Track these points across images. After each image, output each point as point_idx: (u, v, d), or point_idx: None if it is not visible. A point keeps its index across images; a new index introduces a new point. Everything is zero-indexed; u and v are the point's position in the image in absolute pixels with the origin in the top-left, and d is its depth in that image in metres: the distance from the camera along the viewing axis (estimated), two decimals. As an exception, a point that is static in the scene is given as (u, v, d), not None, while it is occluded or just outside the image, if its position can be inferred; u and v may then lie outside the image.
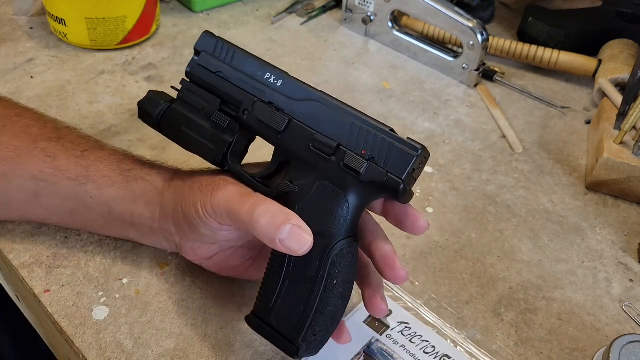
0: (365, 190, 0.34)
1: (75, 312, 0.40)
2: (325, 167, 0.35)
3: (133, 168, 0.40)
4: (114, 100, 0.61)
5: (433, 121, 0.64)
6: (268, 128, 0.36)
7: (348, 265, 0.34)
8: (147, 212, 0.39)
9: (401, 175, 0.33)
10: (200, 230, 0.37)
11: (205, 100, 0.38)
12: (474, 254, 0.49)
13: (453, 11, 0.67)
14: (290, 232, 0.32)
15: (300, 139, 0.35)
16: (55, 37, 0.68)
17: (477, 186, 0.56)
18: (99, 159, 0.41)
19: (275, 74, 0.37)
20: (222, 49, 0.38)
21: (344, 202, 0.34)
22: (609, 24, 0.75)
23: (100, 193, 0.39)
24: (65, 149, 0.41)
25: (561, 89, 0.72)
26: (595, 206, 0.56)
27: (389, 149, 0.34)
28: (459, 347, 0.41)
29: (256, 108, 0.36)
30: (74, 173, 0.40)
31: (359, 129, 0.34)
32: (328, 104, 0.36)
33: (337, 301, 0.34)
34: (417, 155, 0.33)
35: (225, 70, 0.38)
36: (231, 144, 0.37)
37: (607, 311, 0.46)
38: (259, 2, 0.81)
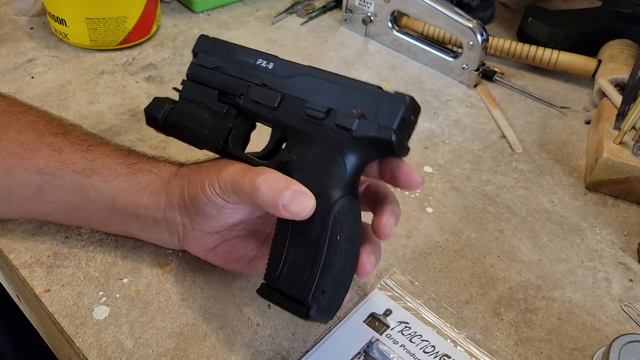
0: (360, 147, 0.35)
1: (76, 311, 0.41)
2: (319, 132, 0.36)
3: (139, 161, 0.41)
4: (114, 101, 0.61)
5: (433, 121, 0.64)
6: (263, 107, 0.38)
7: (350, 222, 0.35)
8: (151, 202, 0.40)
9: (392, 124, 0.34)
10: (206, 210, 0.37)
11: (204, 94, 0.40)
12: (474, 254, 0.49)
13: (453, 11, 0.67)
14: (291, 197, 0.33)
15: (293, 111, 0.37)
16: (55, 37, 0.68)
17: (476, 186, 0.56)
18: (105, 153, 0.41)
19: (266, 59, 0.39)
20: (217, 46, 0.41)
21: (340, 161, 0.35)
22: (609, 24, 0.75)
23: (105, 185, 0.40)
24: (71, 143, 0.41)
25: (561, 89, 0.72)
26: (595, 206, 0.56)
27: (378, 103, 0.35)
28: (459, 346, 0.41)
29: (250, 90, 0.39)
30: (79, 166, 0.40)
31: (348, 91, 0.36)
32: (316, 74, 0.37)
33: (342, 259, 0.34)
34: (406, 105, 0.35)
35: (221, 64, 0.40)
36: (231, 129, 0.39)
37: (606, 311, 0.46)
38: (259, 3, 0.81)
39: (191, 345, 0.39)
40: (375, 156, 0.37)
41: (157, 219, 0.40)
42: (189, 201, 0.38)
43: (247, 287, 0.43)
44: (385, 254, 0.48)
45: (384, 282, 0.45)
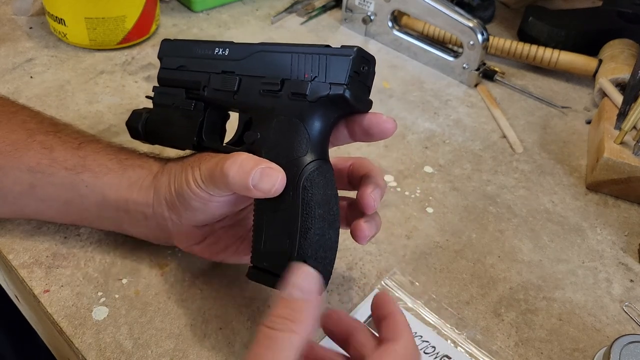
0: (319, 110, 0.35)
1: (75, 312, 0.40)
2: (278, 104, 0.36)
3: (130, 157, 0.41)
4: (113, 100, 0.61)
5: (433, 121, 0.64)
6: (224, 93, 0.39)
7: (321, 185, 0.34)
8: (141, 197, 0.40)
9: (343, 80, 0.34)
10: (192, 204, 0.37)
11: (173, 95, 0.41)
12: (474, 254, 0.49)
13: (453, 11, 0.67)
14: (260, 175, 0.33)
15: (251, 90, 0.37)
16: (54, 36, 0.68)
17: (477, 186, 0.56)
18: (96, 150, 0.41)
19: (222, 46, 0.40)
20: (179, 47, 0.42)
21: (301, 128, 0.35)
22: (610, 23, 0.75)
23: (96, 181, 0.40)
24: (62, 141, 0.41)
25: (561, 89, 0.72)
26: (596, 206, 0.56)
27: (327, 63, 0.35)
28: (459, 347, 0.41)
29: (211, 80, 0.39)
30: (70, 163, 0.40)
31: (298, 58, 0.36)
32: (268, 49, 0.38)
33: (319, 223, 0.34)
34: (353, 57, 0.34)
35: (184, 62, 0.41)
36: (201, 122, 0.40)
37: (607, 311, 0.46)
38: (258, 2, 0.81)
39: (190, 346, 0.39)
40: (337, 115, 0.36)
41: (147, 215, 0.40)
42: (176, 196, 0.38)
43: (246, 288, 0.43)
44: (385, 254, 0.48)
45: (384, 283, 0.45)
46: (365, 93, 0.36)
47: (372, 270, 0.46)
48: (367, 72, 0.36)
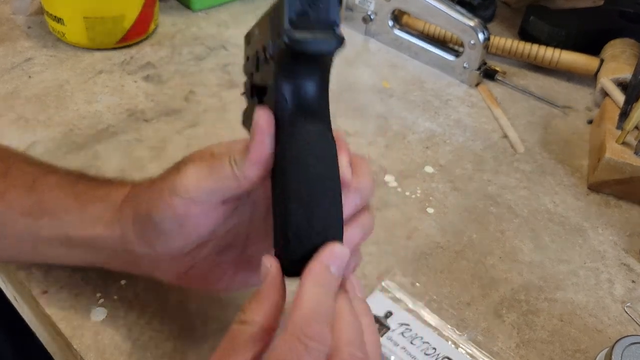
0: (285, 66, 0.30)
1: (74, 313, 0.40)
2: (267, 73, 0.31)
3: (88, 190, 0.38)
4: (112, 100, 0.60)
5: (434, 121, 0.64)
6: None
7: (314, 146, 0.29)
8: (107, 232, 0.36)
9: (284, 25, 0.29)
10: (164, 227, 0.33)
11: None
12: (475, 255, 0.49)
13: (454, 10, 0.66)
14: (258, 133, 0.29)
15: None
16: (53, 36, 0.68)
17: (478, 186, 0.56)
18: (52, 186, 0.38)
19: None
20: None
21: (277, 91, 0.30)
22: (611, 23, 0.75)
23: (56, 223, 0.37)
24: (14, 184, 0.38)
25: (563, 89, 0.71)
26: (597, 206, 0.55)
27: (276, 14, 0.31)
28: (460, 348, 0.41)
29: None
30: (27, 207, 0.37)
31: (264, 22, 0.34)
32: None
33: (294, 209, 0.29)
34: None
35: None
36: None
37: (609, 312, 0.46)
38: (258, 1, 0.81)
39: (190, 348, 0.39)
40: (315, 69, 0.30)
41: (117, 250, 0.36)
42: (144, 222, 0.34)
43: (246, 289, 0.43)
44: (385, 255, 0.48)
45: (385, 284, 0.45)
46: (328, 26, 0.29)
47: (373, 271, 0.46)
48: (317, 4, 0.29)
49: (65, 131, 0.56)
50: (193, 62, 0.67)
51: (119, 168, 0.53)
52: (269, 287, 0.29)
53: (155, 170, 0.53)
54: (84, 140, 0.55)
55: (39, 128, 0.56)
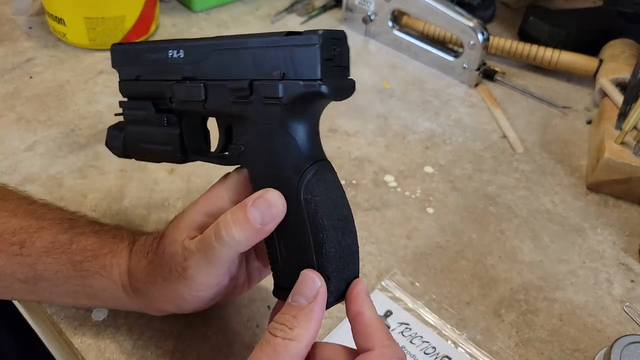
0: (298, 110, 0.32)
1: (75, 313, 0.40)
2: (253, 111, 0.33)
3: (84, 259, 0.36)
4: (112, 100, 0.60)
5: (433, 121, 0.64)
6: (193, 103, 0.35)
7: (323, 192, 0.32)
8: (117, 305, 0.38)
9: (315, 75, 0.30)
10: (184, 309, 0.35)
11: (141, 109, 0.38)
12: (475, 255, 0.49)
13: (453, 10, 0.66)
14: (260, 211, 0.30)
15: (220, 97, 0.34)
16: (54, 36, 0.68)
17: (477, 186, 0.56)
18: (43, 251, 0.36)
19: (175, 47, 0.35)
20: (128, 53, 0.38)
21: (285, 137, 0.32)
22: (610, 23, 0.75)
23: (57, 289, 0.37)
24: (1, 247, 0.36)
25: (562, 89, 0.71)
26: (596, 206, 0.55)
27: (292, 55, 0.31)
28: (460, 347, 0.41)
29: (175, 90, 0.35)
30: (21, 276, 0.36)
31: (259, 53, 0.32)
32: (224, 46, 0.33)
33: (332, 234, 0.31)
34: (319, 45, 0.30)
35: (139, 71, 0.37)
36: (181, 136, 0.37)
37: (608, 312, 0.46)
38: (258, 2, 0.81)
39: (190, 347, 0.39)
40: (318, 110, 0.33)
41: (129, 307, 0.38)
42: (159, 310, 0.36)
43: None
44: (385, 254, 0.48)
45: (385, 283, 0.45)
46: (343, 76, 0.32)
47: (373, 270, 0.46)
48: (341, 53, 0.32)
49: (66, 131, 0.56)
50: (193, 63, 0.67)
51: (119, 168, 0.53)
52: (319, 307, 0.30)
53: (155, 170, 0.53)
54: (85, 140, 0.55)
55: (40, 128, 0.56)
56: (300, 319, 0.29)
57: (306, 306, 0.29)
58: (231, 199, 0.34)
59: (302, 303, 0.30)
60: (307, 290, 0.30)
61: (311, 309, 0.29)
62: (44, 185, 0.50)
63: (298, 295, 0.30)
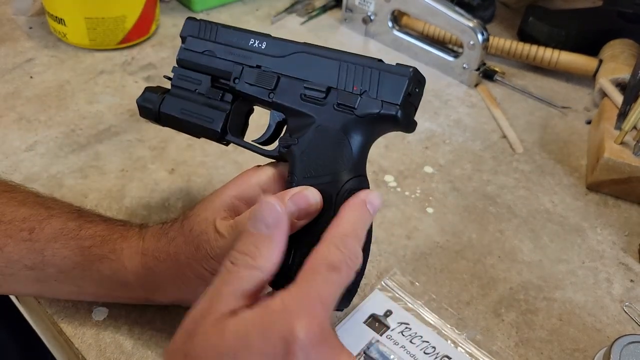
0: (365, 125, 0.34)
1: (75, 313, 0.40)
2: (320, 112, 0.34)
3: (93, 244, 0.36)
4: (113, 100, 0.61)
5: (433, 121, 0.64)
6: (259, 89, 0.37)
7: None
8: (127, 293, 0.37)
9: (396, 100, 0.33)
10: (206, 278, 0.34)
11: (197, 80, 0.39)
12: (475, 255, 0.49)
13: (453, 11, 0.66)
14: (297, 206, 0.31)
15: (291, 92, 0.36)
16: (54, 36, 0.68)
17: (477, 186, 0.56)
18: (51, 237, 0.36)
19: (259, 38, 0.37)
20: (205, 29, 0.39)
21: (345, 143, 0.33)
22: (610, 23, 0.75)
23: (65, 276, 0.36)
24: (10, 234, 0.36)
25: (562, 89, 0.72)
26: (596, 206, 0.56)
27: (380, 78, 0.33)
28: (460, 347, 0.41)
29: (245, 73, 0.37)
30: (29, 262, 0.36)
31: (347, 67, 0.34)
32: (313, 52, 0.36)
33: None
34: (409, 77, 0.33)
35: (212, 47, 0.39)
36: (228, 115, 0.38)
37: (607, 311, 0.46)
38: (259, 2, 0.81)
39: (190, 347, 0.39)
40: (381, 132, 0.36)
41: (137, 297, 0.38)
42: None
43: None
44: (385, 254, 0.48)
45: (385, 283, 0.45)
46: (413, 114, 0.35)
47: (372, 270, 0.46)
48: (418, 94, 0.35)
49: (67, 131, 0.56)
50: (193, 63, 0.68)
51: (120, 168, 0.53)
52: (281, 234, 0.29)
53: (156, 170, 0.53)
54: (86, 140, 0.56)
55: (40, 128, 0.56)
56: (263, 248, 0.28)
57: (268, 234, 0.28)
58: (263, 189, 0.34)
59: (263, 231, 0.28)
60: (269, 218, 0.28)
61: (273, 236, 0.28)
62: (45, 185, 0.50)
63: (259, 223, 0.28)
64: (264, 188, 0.35)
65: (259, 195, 0.34)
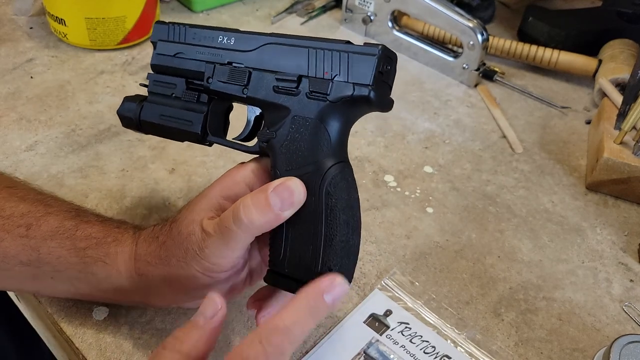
0: (340, 110, 0.34)
1: (75, 312, 0.40)
2: (294, 102, 0.34)
3: (88, 246, 0.36)
4: (113, 100, 0.61)
5: (433, 121, 0.64)
6: (232, 86, 0.37)
7: (344, 189, 0.33)
8: (119, 296, 0.38)
9: (367, 81, 0.33)
10: (211, 287, 0.34)
11: (172, 84, 0.39)
12: (474, 254, 0.49)
13: (453, 11, 0.67)
14: (280, 197, 0.31)
15: (264, 85, 0.36)
16: (55, 37, 0.68)
17: (477, 186, 0.56)
18: (48, 235, 0.36)
19: (227, 35, 0.37)
20: (174, 31, 0.39)
21: (322, 130, 0.34)
22: (609, 23, 0.75)
23: (59, 275, 0.36)
24: (7, 229, 0.36)
25: (561, 89, 0.72)
26: (596, 206, 0.56)
27: (349, 60, 0.33)
28: (459, 347, 0.41)
29: (216, 72, 0.37)
30: (24, 258, 0.36)
31: (316, 53, 0.34)
32: (281, 41, 0.36)
33: (343, 229, 0.33)
34: (378, 56, 0.33)
35: (182, 49, 0.39)
36: (206, 115, 0.38)
37: (607, 311, 0.46)
38: (259, 2, 0.81)
39: (191, 346, 0.39)
40: (357, 114, 0.36)
41: (134, 300, 0.38)
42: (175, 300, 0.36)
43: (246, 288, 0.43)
44: (385, 254, 0.48)
45: (384, 283, 0.45)
46: (387, 92, 0.35)
47: (372, 270, 0.46)
48: (390, 71, 0.34)
49: (67, 131, 0.56)
50: (194, 63, 0.68)
51: (120, 168, 0.53)
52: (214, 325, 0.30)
53: (156, 170, 0.53)
54: (86, 140, 0.56)
55: (41, 128, 0.56)
56: (193, 336, 0.30)
57: (202, 325, 0.30)
58: (248, 185, 0.34)
59: (200, 321, 0.30)
60: (208, 311, 0.30)
61: (205, 328, 0.30)
62: (45, 185, 0.50)
63: (199, 314, 0.30)
64: (249, 184, 0.35)
65: (246, 192, 0.34)
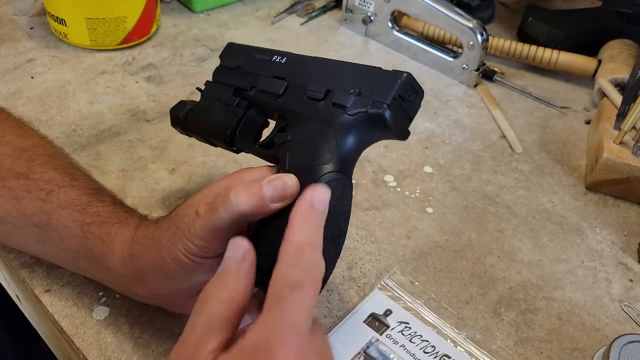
0: (355, 125, 0.34)
1: (76, 312, 0.40)
2: (316, 111, 0.36)
3: (93, 222, 0.37)
4: (114, 101, 0.61)
5: (433, 121, 0.64)
6: (268, 95, 0.39)
7: (337, 198, 0.33)
8: (107, 277, 0.38)
9: (385, 99, 0.33)
10: (193, 279, 0.34)
11: (222, 91, 0.42)
12: (474, 254, 0.49)
13: (453, 11, 0.67)
14: (273, 187, 0.31)
15: (295, 96, 0.37)
16: (55, 37, 0.68)
17: (477, 186, 0.56)
18: (63, 204, 0.38)
19: (281, 54, 0.40)
20: (241, 50, 0.44)
21: (330, 136, 0.34)
22: (609, 24, 0.75)
23: (63, 243, 0.38)
24: (30, 189, 0.38)
25: (561, 89, 0.72)
26: (595, 206, 0.56)
27: (375, 80, 0.35)
28: (459, 347, 0.41)
29: (260, 82, 0.40)
30: (37, 219, 0.38)
31: (347, 72, 0.36)
32: (322, 61, 0.38)
33: (325, 240, 0.32)
34: (402, 80, 0.34)
35: (241, 63, 0.42)
36: (239, 120, 0.40)
37: (606, 311, 0.46)
38: (259, 2, 0.81)
39: (191, 346, 0.39)
40: (372, 137, 0.36)
41: (121, 286, 0.38)
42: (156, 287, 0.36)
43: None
44: (385, 254, 0.48)
45: (384, 283, 0.45)
46: (405, 122, 0.35)
47: (372, 269, 0.46)
48: (412, 101, 0.35)
49: (68, 131, 0.56)
50: (194, 63, 0.68)
51: (121, 168, 0.53)
52: (248, 265, 0.30)
53: (156, 170, 0.53)
54: (86, 140, 0.56)
55: (41, 128, 0.56)
56: (231, 282, 0.29)
57: (234, 269, 0.30)
58: (245, 200, 0.34)
59: (232, 268, 0.30)
60: (237, 255, 0.30)
61: (241, 270, 0.30)
62: (46, 185, 0.50)
63: (229, 261, 0.30)
64: None
65: None
